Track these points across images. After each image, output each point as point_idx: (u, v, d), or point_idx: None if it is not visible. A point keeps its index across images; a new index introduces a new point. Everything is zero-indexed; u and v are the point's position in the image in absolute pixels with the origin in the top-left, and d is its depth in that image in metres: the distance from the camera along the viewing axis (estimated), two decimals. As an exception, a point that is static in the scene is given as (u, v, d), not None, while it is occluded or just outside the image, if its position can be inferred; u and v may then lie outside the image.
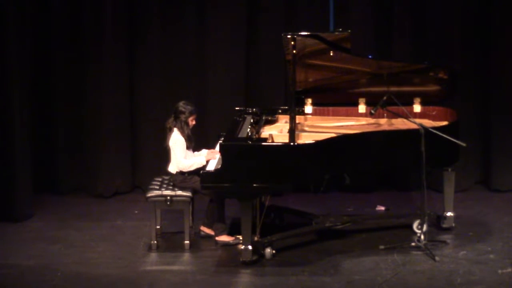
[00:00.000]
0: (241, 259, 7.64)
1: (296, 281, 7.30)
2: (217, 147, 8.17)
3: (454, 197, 8.36)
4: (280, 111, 8.76)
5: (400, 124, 8.41)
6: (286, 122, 8.45)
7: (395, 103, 8.20)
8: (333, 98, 8.74)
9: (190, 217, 8.21)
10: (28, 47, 9.21)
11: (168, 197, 8.02)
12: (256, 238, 7.82)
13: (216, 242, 8.11)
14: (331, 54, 8.11)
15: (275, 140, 7.83)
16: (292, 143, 7.57)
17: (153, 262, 7.85)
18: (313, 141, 7.67)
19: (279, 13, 9.58)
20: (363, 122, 8.64)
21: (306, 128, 8.44)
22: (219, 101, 9.65)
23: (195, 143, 8.31)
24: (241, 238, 7.73)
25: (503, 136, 9.64)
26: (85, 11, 9.53)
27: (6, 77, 8.77)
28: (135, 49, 9.68)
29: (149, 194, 8.06)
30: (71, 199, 9.66)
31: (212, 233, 8.22)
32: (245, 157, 7.54)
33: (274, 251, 7.78)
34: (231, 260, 7.79)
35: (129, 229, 8.62)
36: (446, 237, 8.22)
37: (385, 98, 8.24)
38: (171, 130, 8.15)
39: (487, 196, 9.61)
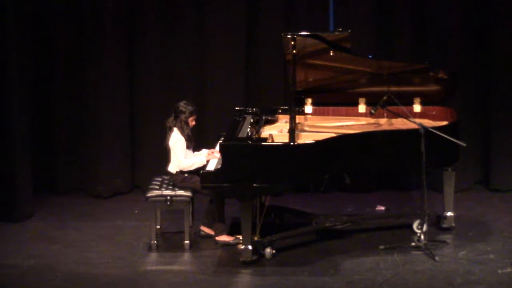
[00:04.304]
0: (241, 259, 7.64)
1: (296, 281, 7.30)
2: (217, 147, 8.17)
3: (454, 197, 8.36)
4: (280, 111, 8.76)
5: (400, 124, 8.41)
6: (286, 122, 8.45)
7: (395, 103, 8.21)
8: (333, 98, 8.74)
9: (190, 217, 8.21)
10: (28, 47, 9.21)
11: (168, 197, 8.02)
12: (256, 238, 7.82)
13: (216, 242, 8.11)
14: (331, 54, 8.12)
15: (275, 140, 7.83)
16: (292, 143, 7.57)
17: (153, 262, 7.85)
18: (313, 141, 7.67)
19: (279, 13, 9.58)
20: (363, 122, 8.64)
21: (306, 128, 8.44)
22: (219, 101, 9.65)
23: (195, 143, 8.31)
24: (241, 238, 7.73)
25: (503, 136, 9.64)
26: (85, 12, 9.52)
27: (6, 78, 8.77)
28: (135, 49, 9.68)
29: (149, 194, 8.06)
30: (71, 199, 9.66)
31: (212, 233, 8.22)
32: (245, 157, 7.54)
33: (274, 251, 7.79)
34: (231, 260, 7.79)
35: (129, 229, 8.62)
36: (446, 237, 8.22)
37: (385, 98, 8.26)
38: (171, 130, 8.15)
39: (487, 196, 9.61)
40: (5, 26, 8.72)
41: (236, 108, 8.84)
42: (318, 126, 8.49)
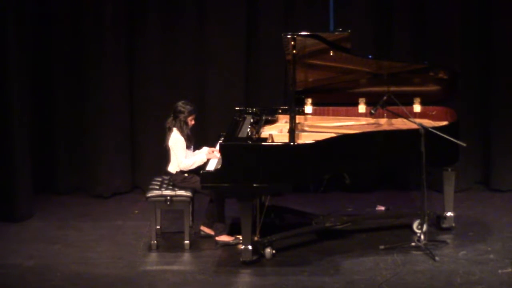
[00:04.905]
0: (241, 259, 7.64)
1: (296, 281, 7.30)
2: (217, 147, 8.18)
3: (454, 197, 8.35)
4: (280, 111, 8.76)
5: (400, 124, 8.40)
6: (286, 122, 8.45)
7: (395, 103, 8.21)
8: (333, 98, 8.74)
9: (190, 217, 8.21)
10: (28, 46, 9.21)
11: (168, 197, 8.02)
12: (256, 238, 7.82)
13: (216, 242, 8.11)
14: (331, 54, 8.12)
15: (275, 140, 7.83)
16: (292, 143, 7.57)
17: (153, 262, 7.85)
18: (313, 141, 7.67)
19: (279, 13, 9.59)
20: (363, 122, 8.64)
21: (306, 128, 8.44)
22: (219, 101, 9.65)
23: (195, 143, 8.31)
24: (241, 238, 7.73)
25: (503, 136, 9.64)
26: (85, 12, 9.52)
27: (6, 78, 8.77)
28: (134, 49, 9.68)
29: (149, 194, 8.06)
30: (70, 199, 9.66)
31: (212, 233, 8.22)
32: (245, 157, 7.54)
33: (274, 251, 7.78)
34: (231, 260, 7.79)
35: (129, 229, 8.62)
36: (446, 237, 8.22)
37: (385, 98, 8.25)
38: (170, 130, 8.15)
39: (487, 196, 9.60)
40: (5, 26, 8.72)
41: (236, 108, 8.84)
42: (318, 126, 8.48)
